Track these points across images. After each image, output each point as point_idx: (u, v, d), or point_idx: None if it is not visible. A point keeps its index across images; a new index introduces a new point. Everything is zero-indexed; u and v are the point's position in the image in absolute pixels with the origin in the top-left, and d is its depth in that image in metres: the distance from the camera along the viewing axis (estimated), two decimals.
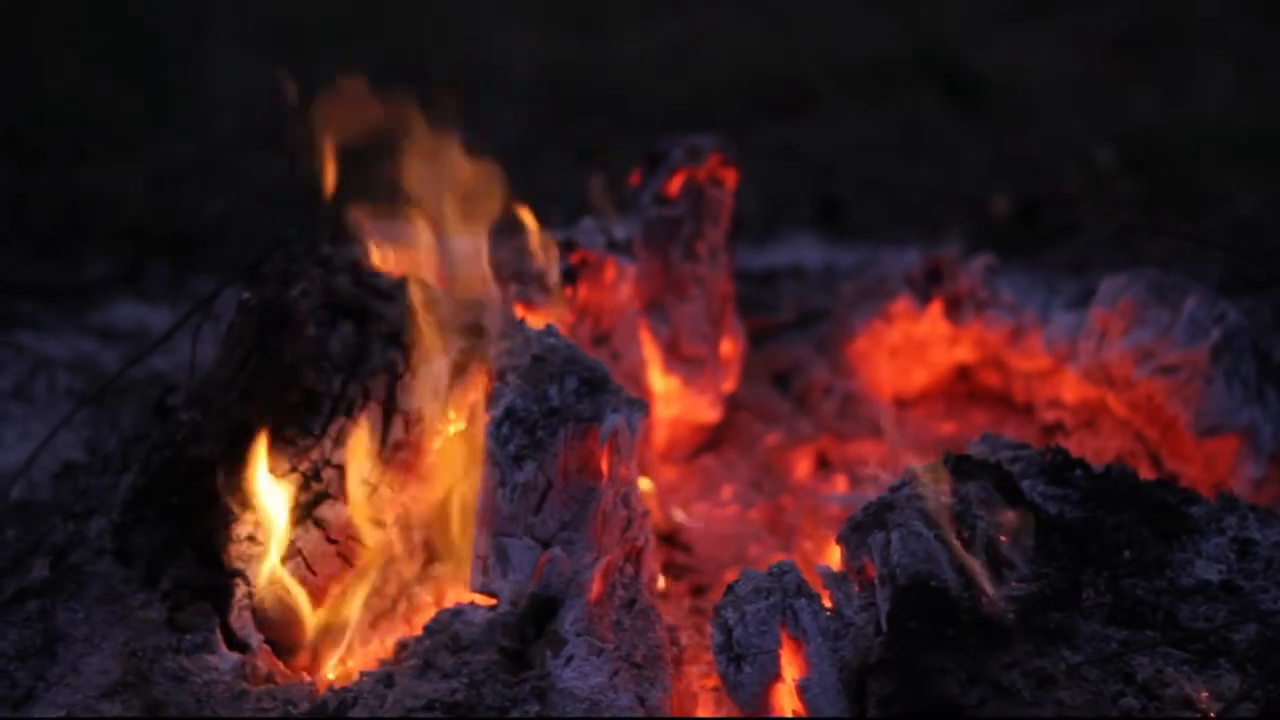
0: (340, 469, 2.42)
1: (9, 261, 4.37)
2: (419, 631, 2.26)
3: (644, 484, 2.65)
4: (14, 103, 5.58)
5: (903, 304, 3.32)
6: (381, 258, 2.62)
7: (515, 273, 2.76)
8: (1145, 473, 2.71)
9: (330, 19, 6.31)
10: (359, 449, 2.42)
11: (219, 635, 2.30)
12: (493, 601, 2.28)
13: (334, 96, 2.52)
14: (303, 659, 2.38)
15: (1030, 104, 5.83)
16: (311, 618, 2.38)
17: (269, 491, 2.37)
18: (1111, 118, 5.59)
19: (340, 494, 2.41)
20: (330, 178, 2.62)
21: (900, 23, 6.78)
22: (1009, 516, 2.23)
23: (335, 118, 2.55)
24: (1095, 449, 2.97)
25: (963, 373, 3.37)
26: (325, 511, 2.41)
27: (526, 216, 2.75)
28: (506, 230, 2.74)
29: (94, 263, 4.42)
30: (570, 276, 2.84)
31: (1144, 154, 5.15)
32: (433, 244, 2.62)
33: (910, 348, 3.34)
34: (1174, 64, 6.12)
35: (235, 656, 2.28)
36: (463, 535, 2.45)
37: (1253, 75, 5.91)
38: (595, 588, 2.25)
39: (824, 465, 3.17)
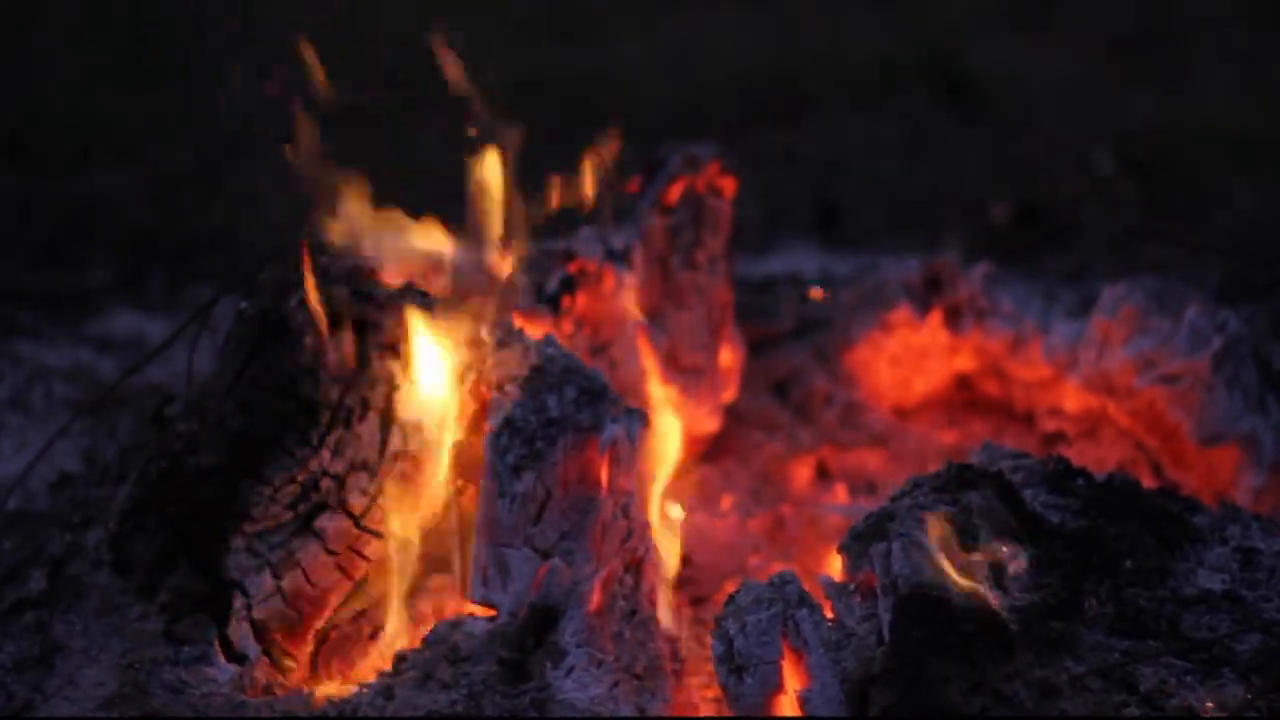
0: (339, 479, 2.42)
1: (11, 268, 4.37)
2: (418, 643, 2.25)
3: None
4: (16, 109, 5.58)
5: (902, 313, 3.31)
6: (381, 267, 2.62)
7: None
8: (1147, 482, 2.70)
9: (331, 25, 6.29)
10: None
11: (217, 647, 2.30)
12: (492, 612, 2.27)
13: None
14: (301, 671, 2.38)
15: (1030, 107, 5.82)
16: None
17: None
18: (1111, 119, 5.59)
19: (338, 505, 2.40)
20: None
21: (900, 26, 6.78)
22: (1011, 526, 2.23)
23: None
24: (1096, 458, 2.97)
25: (963, 382, 3.36)
26: (324, 522, 2.40)
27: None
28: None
29: (95, 270, 4.42)
30: (569, 286, 2.84)
31: (1144, 155, 5.15)
32: (433, 254, 2.61)
33: (910, 357, 3.34)
34: (1174, 65, 6.12)
35: (233, 668, 2.28)
36: (462, 546, 2.44)
37: (1252, 75, 5.91)
38: (595, 598, 2.24)
39: (824, 475, 3.16)
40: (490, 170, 2.62)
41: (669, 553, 2.48)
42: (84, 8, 6.78)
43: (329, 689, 2.35)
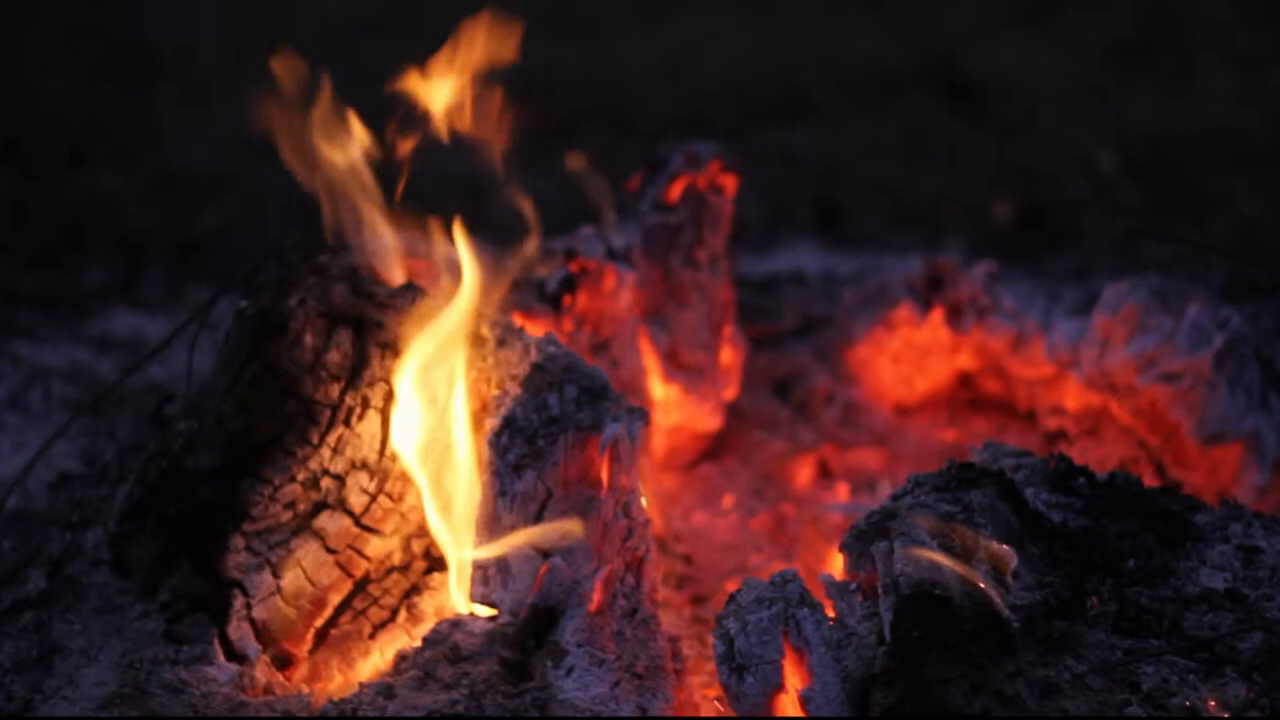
0: (339, 478, 2.41)
1: (8, 270, 4.36)
2: (419, 642, 2.25)
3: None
4: (13, 111, 5.57)
5: (904, 311, 3.31)
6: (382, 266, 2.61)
7: (514, 281, 2.75)
8: (1149, 480, 2.69)
9: (327, 25, 6.31)
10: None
11: (217, 646, 2.29)
12: (493, 612, 2.27)
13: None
14: (301, 670, 2.37)
15: (1032, 109, 5.82)
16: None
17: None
18: (1114, 122, 5.59)
19: (339, 504, 2.40)
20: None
21: (901, 28, 6.77)
22: (1012, 525, 2.22)
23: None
24: (1098, 457, 2.96)
25: (964, 380, 3.36)
26: (324, 521, 2.39)
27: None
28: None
29: (92, 271, 4.41)
30: (569, 284, 2.83)
31: (1146, 158, 5.14)
32: (433, 252, 2.60)
33: (912, 355, 3.33)
34: (1176, 68, 6.11)
35: (233, 668, 2.27)
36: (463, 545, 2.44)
37: (1255, 78, 5.91)
38: (596, 598, 2.24)
39: (825, 474, 3.16)
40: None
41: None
42: (81, 8, 6.77)
43: (329, 688, 2.35)
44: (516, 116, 2.57)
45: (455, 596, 2.36)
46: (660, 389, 3.05)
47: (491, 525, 2.30)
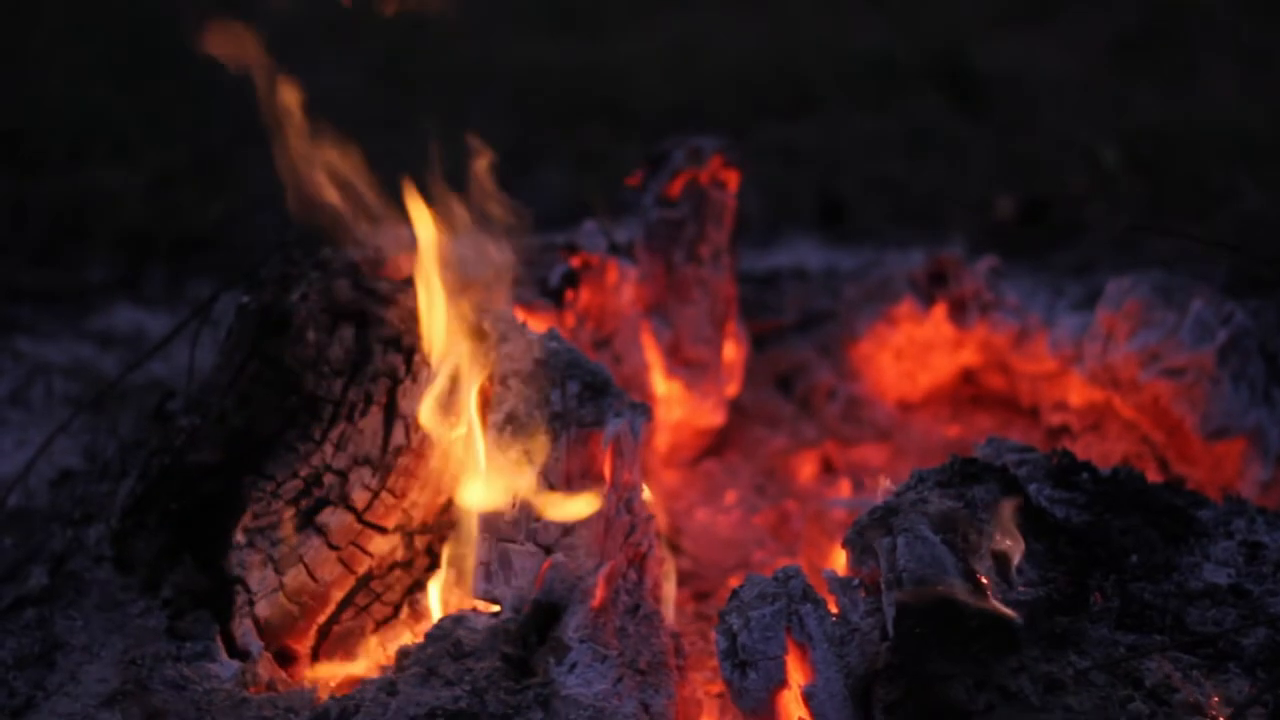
0: (341, 474, 2.41)
1: (8, 266, 4.36)
2: (421, 639, 2.25)
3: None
4: (13, 107, 5.57)
5: (907, 306, 3.31)
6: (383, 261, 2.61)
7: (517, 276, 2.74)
8: (1152, 476, 2.69)
9: (327, 19, 6.30)
10: None
11: (219, 643, 2.29)
12: (495, 608, 2.27)
13: None
14: (304, 667, 2.37)
15: (1035, 104, 5.82)
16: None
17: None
18: (1116, 117, 5.58)
19: (341, 500, 2.40)
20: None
21: (904, 23, 6.77)
22: (1015, 520, 2.22)
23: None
24: (1102, 452, 2.96)
25: (967, 375, 3.36)
26: (327, 517, 2.39)
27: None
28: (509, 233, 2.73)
29: (93, 267, 4.41)
30: (572, 279, 2.83)
31: (1149, 153, 5.14)
32: (435, 247, 2.60)
33: (914, 350, 3.33)
34: (1179, 63, 6.11)
35: (236, 664, 2.27)
36: (465, 541, 2.43)
37: (1258, 73, 5.90)
38: (598, 594, 2.23)
39: (828, 469, 3.16)
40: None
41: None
42: (81, 6, 6.77)
43: (332, 684, 2.35)
44: None
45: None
46: (663, 384, 3.04)
47: (494, 521, 2.29)
